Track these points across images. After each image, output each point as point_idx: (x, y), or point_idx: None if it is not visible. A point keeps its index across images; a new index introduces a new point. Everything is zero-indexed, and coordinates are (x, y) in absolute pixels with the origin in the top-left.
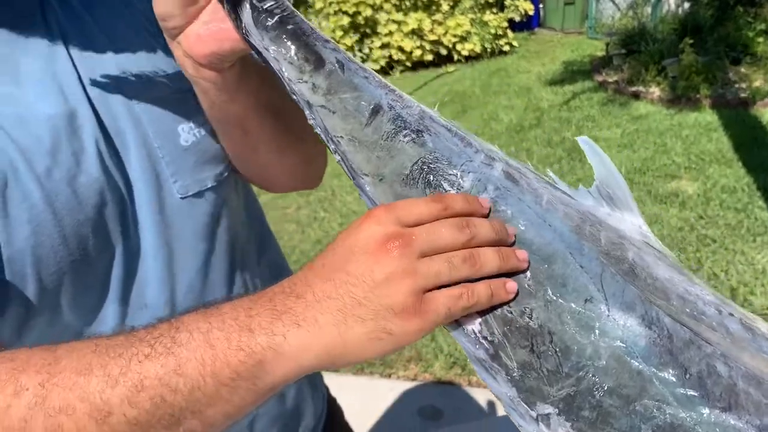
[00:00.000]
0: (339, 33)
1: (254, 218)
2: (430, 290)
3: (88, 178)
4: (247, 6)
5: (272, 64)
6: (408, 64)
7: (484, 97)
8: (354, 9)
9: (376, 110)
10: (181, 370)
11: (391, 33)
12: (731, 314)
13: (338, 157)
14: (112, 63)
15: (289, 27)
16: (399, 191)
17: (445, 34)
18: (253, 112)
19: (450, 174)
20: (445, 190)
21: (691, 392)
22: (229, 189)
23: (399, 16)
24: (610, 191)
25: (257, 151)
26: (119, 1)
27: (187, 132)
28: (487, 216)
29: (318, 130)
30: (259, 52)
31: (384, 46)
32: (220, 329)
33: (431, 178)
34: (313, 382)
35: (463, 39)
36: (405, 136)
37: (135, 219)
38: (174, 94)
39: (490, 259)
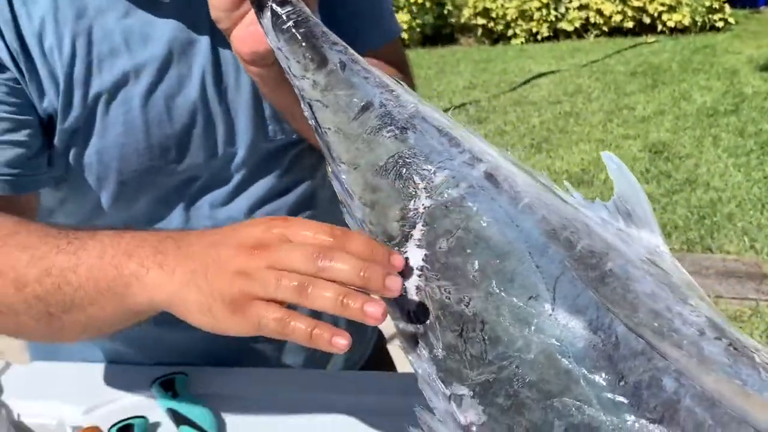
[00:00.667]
0: None
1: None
2: (261, 298)
3: (184, 100)
4: (268, 11)
5: (282, 63)
6: (605, 28)
7: (680, 74)
8: None
9: (366, 107)
10: (77, 269)
11: None
12: (718, 338)
13: (323, 147)
14: None
15: (301, 30)
16: (369, 180)
17: (651, 1)
18: (297, 103)
19: (423, 169)
20: (414, 183)
21: (619, 398)
22: (309, 148)
23: None
24: (629, 208)
25: (308, 133)
26: None
27: None
28: (392, 269)
29: (310, 122)
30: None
31: (582, 7)
32: (113, 246)
33: (404, 171)
34: (360, 328)
35: (672, 9)
36: (389, 131)
37: (228, 145)
38: None
39: (322, 297)
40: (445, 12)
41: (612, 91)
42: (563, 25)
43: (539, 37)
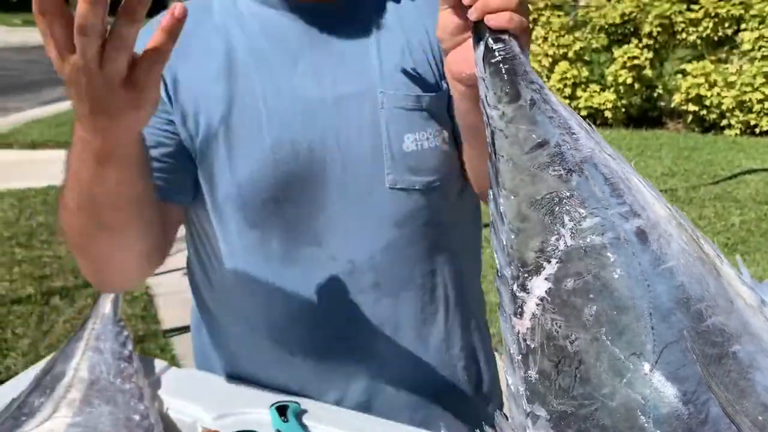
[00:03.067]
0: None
1: (460, 231)
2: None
3: (309, 144)
4: (483, 45)
5: (481, 90)
6: None
7: None
8: None
9: (541, 144)
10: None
11: None
12: None
13: (491, 170)
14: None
15: (506, 66)
16: (523, 209)
17: None
18: (481, 126)
19: (576, 211)
20: (563, 222)
21: None
22: (437, 196)
23: None
24: None
25: (472, 161)
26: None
27: (411, 141)
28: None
29: (488, 147)
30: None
31: None
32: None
33: (556, 209)
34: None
35: None
36: (555, 170)
37: (341, 186)
38: (414, 109)
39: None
40: (655, 95)
41: None
42: None
43: (757, 130)
